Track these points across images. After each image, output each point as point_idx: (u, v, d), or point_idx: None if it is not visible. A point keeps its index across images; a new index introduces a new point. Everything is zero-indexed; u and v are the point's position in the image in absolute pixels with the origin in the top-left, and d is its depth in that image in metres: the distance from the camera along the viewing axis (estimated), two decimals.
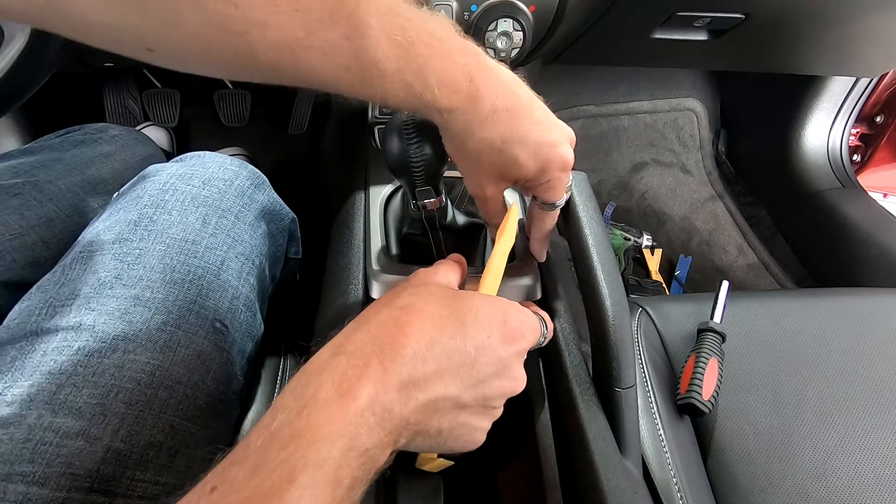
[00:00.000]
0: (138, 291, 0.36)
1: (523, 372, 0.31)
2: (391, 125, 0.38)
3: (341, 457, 0.22)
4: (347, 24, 0.26)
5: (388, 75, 0.27)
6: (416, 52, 0.27)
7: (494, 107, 0.30)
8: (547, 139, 0.32)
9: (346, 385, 0.24)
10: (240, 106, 1.10)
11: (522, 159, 0.32)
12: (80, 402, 0.31)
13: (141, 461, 0.32)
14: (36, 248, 0.45)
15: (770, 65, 0.90)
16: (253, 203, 0.46)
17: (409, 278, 0.32)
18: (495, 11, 0.51)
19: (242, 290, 0.42)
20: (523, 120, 0.31)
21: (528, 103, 0.32)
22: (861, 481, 0.48)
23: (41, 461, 0.29)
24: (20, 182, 0.47)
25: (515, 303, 0.31)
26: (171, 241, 0.39)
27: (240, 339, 0.41)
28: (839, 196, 1.02)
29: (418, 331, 0.26)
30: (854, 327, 0.59)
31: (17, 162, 0.50)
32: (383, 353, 0.25)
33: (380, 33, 0.27)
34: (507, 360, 0.29)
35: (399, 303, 0.28)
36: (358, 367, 0.24)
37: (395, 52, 0.27)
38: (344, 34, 0.26)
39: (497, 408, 0.30)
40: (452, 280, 0.33)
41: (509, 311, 0.30)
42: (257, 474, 0.21)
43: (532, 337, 0.31)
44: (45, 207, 0.47)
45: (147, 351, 0.34)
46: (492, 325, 0.28)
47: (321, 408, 0.23)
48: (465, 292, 0.29)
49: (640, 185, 1.25)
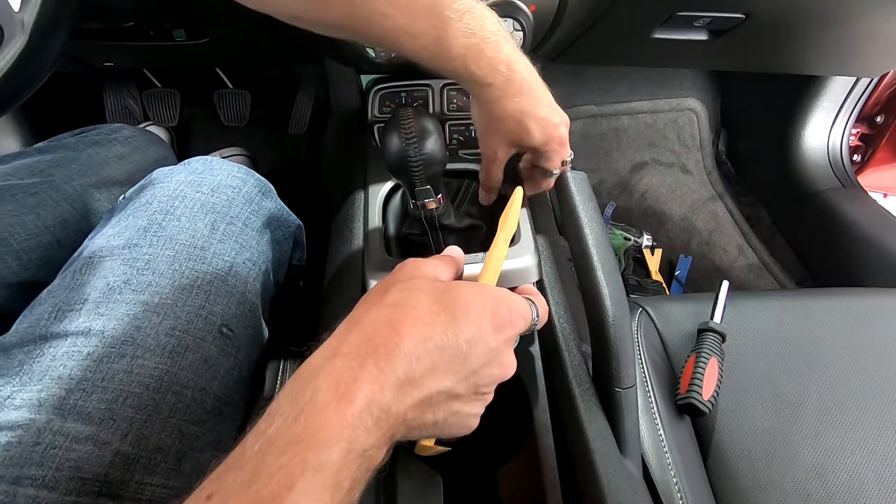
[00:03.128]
0: (147, 297, 0.36)
1: (513, 358, 0.31)
2: (390, 125, 0.38)
3: (340, 460, 0.22)
4: (436, 17, 0.36)
5: (455, 57, 0.37)
6: (476, 43, 0.37)
7: (521, 87, 0.40)
8: (553, 119, 0.42)
9: (343, 389, 0.24)
10: (240, 106, 1.09)
11: (533, 130, 0.41)
12: (90, 406, 0.31)
13: (149, 465, 0.32)
14: (51, 248, 0.45)
15: (770, 65, 0.90)
16: (260, 210, 0.47)
17: (396, 270, 0.31)
18: (495, 12, 0.51)
19: (249, 296, 0.43)
20: (538, 100, 0.41)
21: (541, 88, 0.41)
22: (861, 481, 0.48)
23: (50, 465, 0.29)
24: (37, 181, 0.47)
25: (505, 290, 0.31)
26: (180, 247, 0.39)
27: (246, 343, 0.41)
28: (839, 196, 1.02)
29: (411, 329, 0.26)
30: (854, 327, 0.58)
31: (34, 160, 0.50)
32: (378, 354, 0.25)
33: (455, 27, 0.36)
34: (497, 350, 0.29)
35: (389, 300, 0.28)
36: (353, 369, 0.24)
37: (463, 42, 0.37)
38: (432, 24, 0.36)
39: (488, 393, 0.31)
40: (442, 274, 0.32)
41: (499, 300, 0.30)
42: (255, 480, 0.21)
43: (522, 324, 0.31)
44: (61, 207, 0.47)
45: (155, 356, 0.35)
46: (482, 318, 0.28)
47: (318, 412, 0.23)
48: (454, 284, 0.29)
49: (640, 185, 1.25)
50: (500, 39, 0.39)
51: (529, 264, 0.43)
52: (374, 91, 0.59)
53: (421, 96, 0.59)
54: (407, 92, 0.59)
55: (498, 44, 0.38)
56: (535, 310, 0.34)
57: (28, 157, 0.51)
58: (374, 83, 0.60)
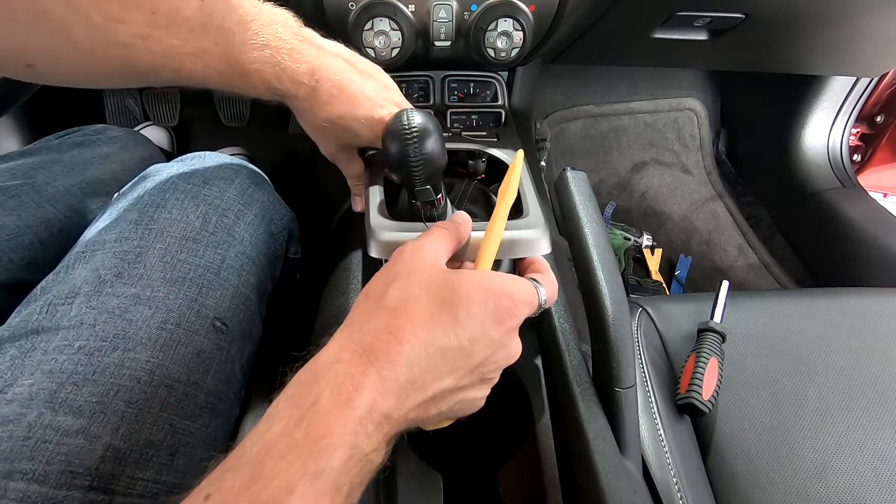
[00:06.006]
0: (139, 290, 0.36)
1: (518, 343, 0.30)
2: (390, 126, 0.38)
3: (341, 466, 0.22)
4: (216, 33, 0.32)
5: (250, 73, 0.34)
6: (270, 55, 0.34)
7: (331, 93, 0.38)
8: (377, 114, 0.39)
9: (345, 396, 0.24)
10: (240, 106, 1.09)
11: (358, 131, 0.40)
12: (81, 400, 0.31)
13: (140, 459, 0.32)
14: (33, 248, 0.45)
15: (770, 65, 0.90)
16: (253, 202, 0.46)
17: (394, 260, 0.30)
18: (495, 11, 0.51)
19: (242, 289, 0.42)
20: (354, 101, 0.39)
21: (359, 85, 0.39)
22: (861, 481, 0.48)
23: (41, 459, 0.29)
24: (18, 184, 0.47)
25: (507, 278, 0.30)
26: (171, 240, 0.39)
27: (239, 337, 0.41)
28: (839, 196, 1.02)
29: (412, 335, 0.26)
30: (854, 327, 0.58)
31: (16, 163, 0.50)
32: (380, 363, 0.25)
33: (241, 39, 0.33)
34: (500, 341, 0.29)
35: (389, 302, 0.27)
36: (355, 377, 0.24)
37: (255, 55, 0.34)
38: (213, 41, 0.32)
39: (494, 378, 0.30)
40: (442, 254, 0.31)
41: (501, 292, 0.29)
42: (254, 483, 0.21)
43: (527, 310, 0.30)
44: (43, 209, 0.47)
45: (147, 349, 0.34)
46: (485, 314, 0.28)
47: (320, 418, 0.23)
48: (455, 278, 0.28)
49: (640, 184, 1.25)
50: (300, 44, 0.35)
51: (537, 236, 0.39)
52: None
53: (421, 87, 0.59)
54: (407, 82, 0.59)
55: (297, 50, 0.35)
56: (542, 292, 0.32)
57: (10, 161, 0.51)
58: None
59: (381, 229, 0.40)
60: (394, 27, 0.51)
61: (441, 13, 0.53)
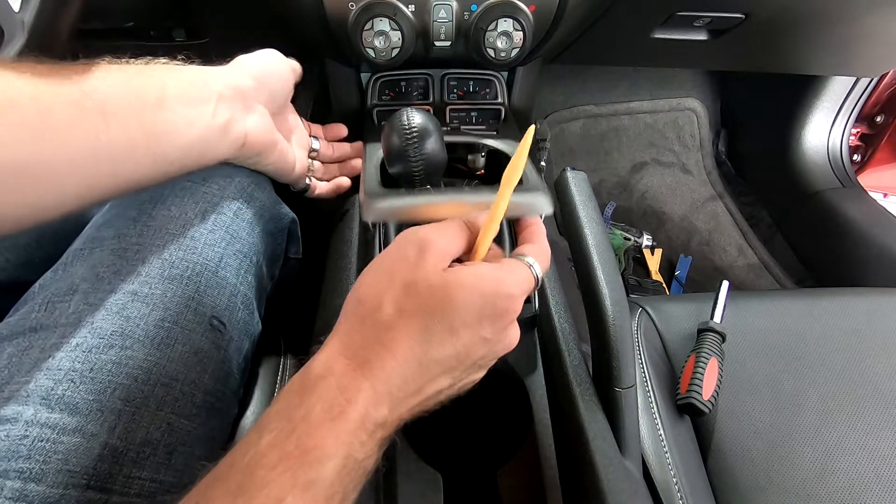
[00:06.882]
0: (136, 287, 0.36)
1: (516, 329, 0.30)
2: (390, 125, 0.38)
3: (334, 476, 0.22)
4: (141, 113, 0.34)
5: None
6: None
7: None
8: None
9: (338, 409, 0.23)
10: None
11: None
12: (77, 398, 0.31)
13: (138, 458, 0.32)
14: (30, 248, 0.45)
15: (770, 65, 0.90)
16: (252, 201, 0.46)
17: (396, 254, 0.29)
18: (495, 11, 0.51)
19: (240, 288, 0.42)
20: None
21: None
22: (861, 481, 0.48)
23: (38, 458, 0.29)
24: None
25: (502, 272, 0.29)
26: (169, 237, 0.39)
27: (237, 336, 0.41)
28: (839, 196, 1.02)
29: (407, 350, 0.26)
30: (854, 327, 0.58)
31: None
32: (375, 377, 0.25)
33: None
34: (498, 337, 0.28)
35: (383, 318, 0.26)
36: (348, 389, 0.24)
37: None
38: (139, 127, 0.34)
39: (491, 363, 0.30)
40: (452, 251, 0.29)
41: (497, 291, 0.28)
42: (242, 493, 0.21)
43: (524, 295, 0.29)
44: None
45: (144, 347, 0.34)
46: (481, 320, 0.27)
47: (312, 431, 0.23)
48: (453, 282, 0.27)
49: (640, 184, 1.25)
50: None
51: (536, 200, 0.39)
52: (375, 79, 0.59)
53: (421, 85, 0.59)
54: (407, 80, 0.59)
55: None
56: (537, 269, 0.31)
57: None
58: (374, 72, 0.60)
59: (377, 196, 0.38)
60: (394, 27, 0.51)
61: (441, 13, 0.53)
